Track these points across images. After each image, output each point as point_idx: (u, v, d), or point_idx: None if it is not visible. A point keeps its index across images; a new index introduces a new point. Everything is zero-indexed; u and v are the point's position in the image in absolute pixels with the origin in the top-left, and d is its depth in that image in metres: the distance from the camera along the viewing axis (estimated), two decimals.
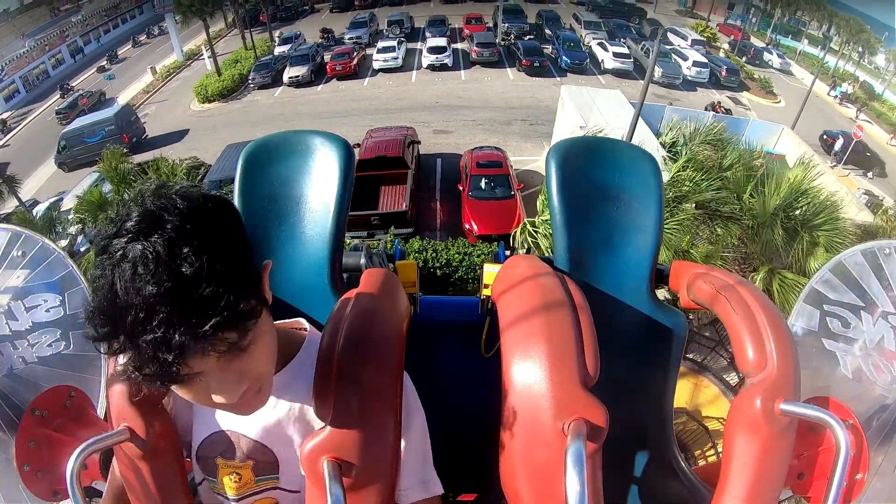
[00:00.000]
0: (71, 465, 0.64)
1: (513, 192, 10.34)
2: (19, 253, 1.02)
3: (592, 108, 10.94)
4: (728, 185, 5.78)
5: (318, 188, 0.94)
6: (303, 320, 0.79)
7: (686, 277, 0.91)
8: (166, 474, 0.71)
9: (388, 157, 11.13)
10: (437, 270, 8.68)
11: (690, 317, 7.44)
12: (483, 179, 10.58)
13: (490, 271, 0.99)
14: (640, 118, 7.96)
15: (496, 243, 8.79)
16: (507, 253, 1.22)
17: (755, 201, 5.78)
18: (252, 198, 0.94)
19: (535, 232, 6.38)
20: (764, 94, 18.87)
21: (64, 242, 7.45)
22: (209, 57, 19.50)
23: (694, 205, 5.62)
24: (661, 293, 1.10)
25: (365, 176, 10.70)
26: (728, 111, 15.56)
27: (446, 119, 15.21)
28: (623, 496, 0.99)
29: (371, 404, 0.62)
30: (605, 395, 0.64)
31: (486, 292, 1.02)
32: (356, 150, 11.50)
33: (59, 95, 19.56)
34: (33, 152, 15.63)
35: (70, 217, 7.42)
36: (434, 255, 8.75)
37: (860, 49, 20.67)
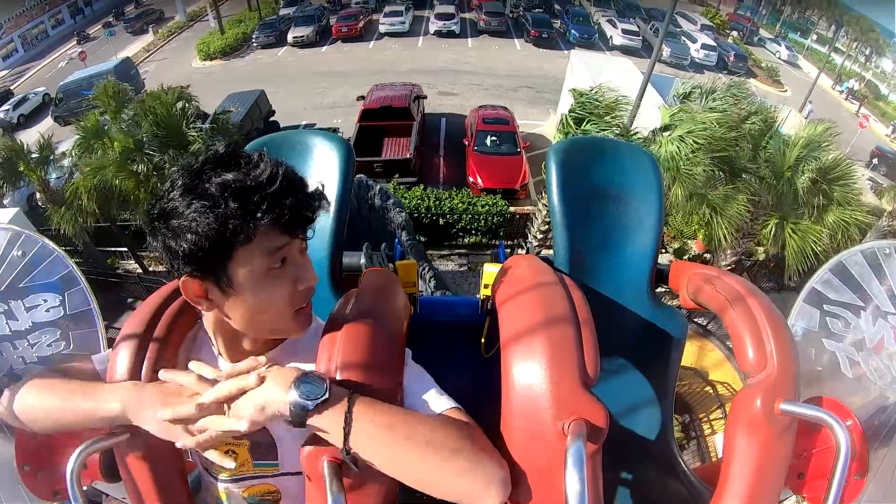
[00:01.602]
0: (71, 465, 0.64)
1: (519, 149, 10.19)
2: (19, 253, 1.01)
3: (602, 71, 10.79)
4: (746, 135, 5.73)
5: None
6: None
7: (686, 277, 0.91)
8: (166, 474, 0.72)
9: (394, 107, 10.84)
10: (439, 219, 8.54)
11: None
12: (489, 135, 10.43)
13: (490, 271, 0.99)
14: (650, 87, 7.87)
15: (500, 196, 8.69)
16: (507, 251, 1.22)
17: (776, 154, 5.78)
18: None
19: None
20: (770, 83, 18.88)
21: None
22: (214, 17, 19.38)
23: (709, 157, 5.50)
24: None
25: (369, 126, 10.48)
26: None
27: (452, 82, 15.17)
28: (623, 496, 0.99)
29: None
30: (605, 395, 0.64)
31: (485, 292, 1.02)
32: (360, 102, 11.23)
33: (75, 42, 19.86)
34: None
35: (65, 151, 7.37)
36: (437, 203, 8.59)
37: (868, 50, 20.65)
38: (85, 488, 0.85)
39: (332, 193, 0.93)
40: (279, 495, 0.74)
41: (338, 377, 0.62)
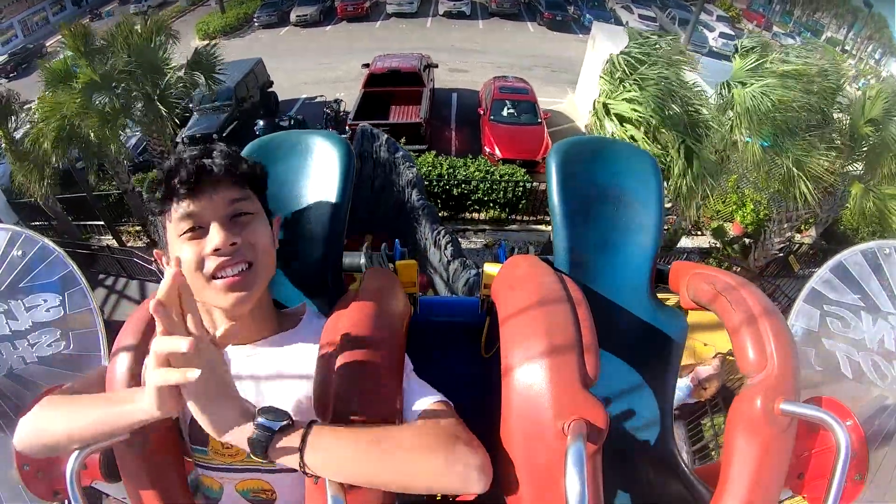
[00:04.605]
0: (71, 465, 0.64)
1: (539, 120, 9.51)
2: (19, 253, 1.02)
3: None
4: (822, 92, 5.33)
5: (318, 188, 0.94)
6: (305, 304, 0.85)
7: (686, 278, 0.91)
8: (166, 474, 0.71)
9: (403, 72, 10.03)
10: (453, 189, 7.89)
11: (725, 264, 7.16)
12: (507, 104, 9.71)
13: (490, 271, 0.99)
14: None
15: (519, 166, 8.10)
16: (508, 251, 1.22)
17: (853, 106, 5.44)
18: None
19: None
20: None
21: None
22: (216, 1, 19.27)
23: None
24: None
25: (375, 92, 9.70)
26: None
27: (463, 60, 14.78)
28: (623, 496, 0.99)
29: (371, 405, 0.62)
30: (605, 395, 0.64)
31: (485, 292, 1.02)
32: (365, 70, 10.54)
33: (88, 20, 19.68)
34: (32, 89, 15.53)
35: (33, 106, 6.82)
36: (451, 171, 7.92)
37: (878, 53, 20.61)
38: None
39: (331, 194, 0.93)
40: (275, 495, 0.74)
41: (337, 378, 0.62)
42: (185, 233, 0.68)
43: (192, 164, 0.67)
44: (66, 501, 0.76)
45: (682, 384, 4.29)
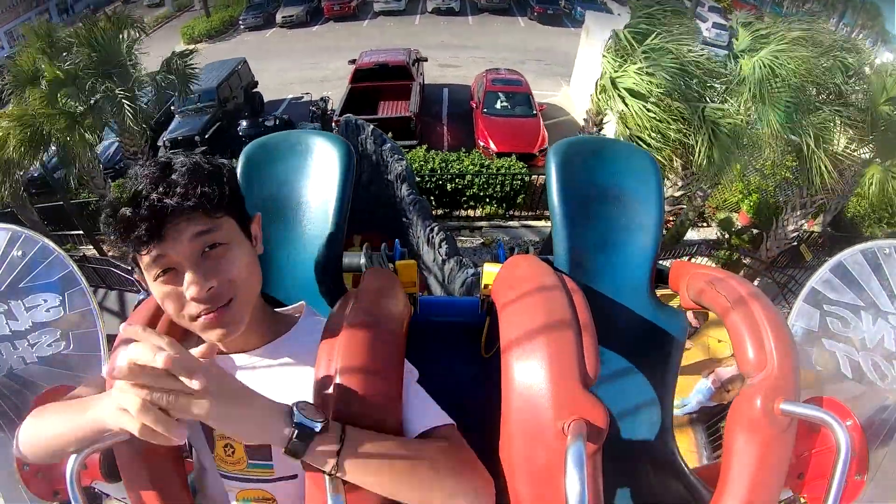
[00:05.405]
0: (71, 465, 0.64)
1: (535, 112, 9.24)
2: (19, 253, 1.02)
3: None
4: (837, 64, 5.08)
5: (318, 188, 0.94)
6: (303, 303, 0.83)
7: (686, 277, 0.91)
8: (166, 474, 0.71)
9: (391, 66, 9.68)
10: (447, 184, 7.55)
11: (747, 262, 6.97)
12: (500, 96, 9.43)
13: (490, 271, 0.99)
14: None
15: (517, 159, 7.79)
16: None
17: (872, 82, 5.22)
18: (251, 197, 0.94)
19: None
20: None
21: None
22: (201, 7, 19.11)
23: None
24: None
25: (362, 88, 9.41)
26: None
27: (454, 55, 14.53)
28: (623, 496, 0.99)
29: (371, 406, 0.62)
30: (605, 395, 0.64)
31: (485, 292, 1.02)
32: (351, 66, 10.25)
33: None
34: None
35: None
36: (443, 165, 7.52)
37: (870, 40, 20.58)
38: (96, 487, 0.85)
39: (331, 194, 0.93)
40: (276, 503, 0.74)
41: (337, 379, 0.62)
42: (157, 277, 0.62)
43: (151, 215, 0.58)
44: (67, 502, 0.76)
45: (704, 386, 4.24)
